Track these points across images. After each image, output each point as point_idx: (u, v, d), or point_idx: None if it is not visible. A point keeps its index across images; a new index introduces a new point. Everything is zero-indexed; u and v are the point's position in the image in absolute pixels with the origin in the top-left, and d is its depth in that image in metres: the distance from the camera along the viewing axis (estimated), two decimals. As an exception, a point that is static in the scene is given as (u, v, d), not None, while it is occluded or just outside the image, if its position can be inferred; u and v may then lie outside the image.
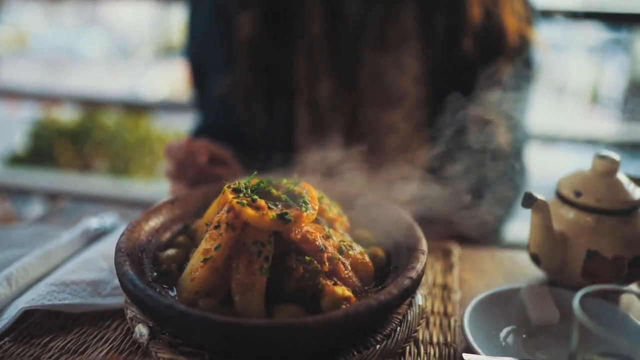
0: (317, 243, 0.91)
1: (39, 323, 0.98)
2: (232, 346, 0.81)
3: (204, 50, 1.71)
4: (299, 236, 0.91)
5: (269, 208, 0.91)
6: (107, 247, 1.18)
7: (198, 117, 1.85)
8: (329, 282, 0.89)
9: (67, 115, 4.74)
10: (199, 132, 1.75)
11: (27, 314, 0.97)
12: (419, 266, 0.92)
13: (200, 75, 1.79)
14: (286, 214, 0.90)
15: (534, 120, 1.85)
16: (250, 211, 0.89)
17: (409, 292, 0.87)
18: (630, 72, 5.35)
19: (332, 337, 0.82)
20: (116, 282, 1.07)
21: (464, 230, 1.35)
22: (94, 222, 1.29)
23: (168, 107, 4.52)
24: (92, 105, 4.58)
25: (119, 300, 1.03)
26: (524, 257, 1.31)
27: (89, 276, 1.06)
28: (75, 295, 1.01)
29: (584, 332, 0.73)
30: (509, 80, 1.63)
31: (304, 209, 0.93)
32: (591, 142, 3.91)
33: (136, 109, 4.62)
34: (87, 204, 1.47)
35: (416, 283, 0.89)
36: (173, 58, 5.90)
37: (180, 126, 4.63)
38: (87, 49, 6.63)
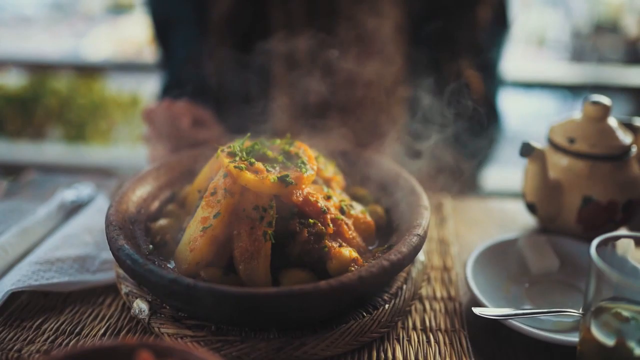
0: (320, 205, 0.88)
1: (26, 305, 0.92)
2: (242, 316, 0.78)
3: (169, 4, 1.61)
4: (300, 199, 0.87)
5: (267, 171, 0.87)
6: (89, 219, 1.12)
7: (164, 75, 1.76)
8: (334, 245, 0.86)
9: (12, 81, 4.48)
10: (167, 90, 1.66)
11: (12, 297, 0.92)
12: (424, 222, 0.90)
13: (164, 31, 1.69)
14: (287, 176, 0.86)
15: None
16: (249, 175, 0.84)
17: (418, 249, 0.85)
18: (578, 15, 5.43)
19: (345, 301, 0.80)
20: (104, 256, 1.02)
21: (447, 180, 1.34)
22: (69, 194, 1.21)
23: (122, 67, 4.34)
24: (40, 69, 4.35)
25: (110, 275, 0.98)
26: (512, 206, 1.31)
27: (74, 252, 1.00)
28: (62, 273, 0.95)
29: (600, 279, 0.73)
30: (486, 27, 1.61)
31: (303, 170, 0.89)
32: (539, 84, 3.98)
33: (88, 71, 4.41)
34: (58, 175, 1.39)
35: (423, 240, 0.87)
36: (124, 15, 5.62)
37: (136, 87, 4.46)
38: (30, 8, 6.24)
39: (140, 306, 0.85)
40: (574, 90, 4.27)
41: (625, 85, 3.75)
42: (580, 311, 0.88)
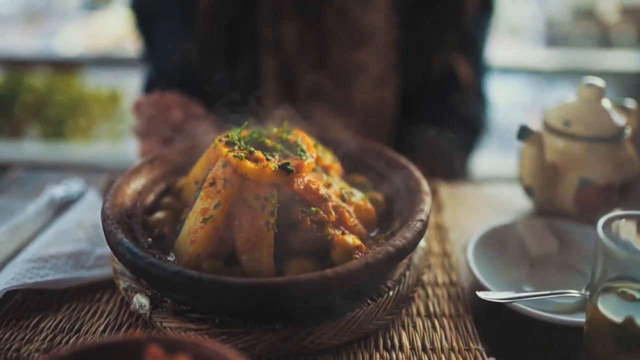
0: (321, 192, 0.87)
1: (21, 303, 0.89)
2: (248, 307, 0.77)
3: None
4: (301, 187, 0.86)
5: (267, 160, 0.86)
6: (81, 215, 1.09)
7: (147, 69, 1.72)
8: (337, 232, 0.85)
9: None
10: (151, 83, 1.63)
11: (7, 296, 0.89)
12: (426, 208, 0.89)
13: (147, 24, 1.66)
14: (287, 164, 0.84)
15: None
16: (249, 164, 0.83)
17: (422, 234, 0.85)
18: (553, 2, 5.47)
19: (352, 288, 0.79)
20: (98, 252, 0.99)
21: (437, 165, 1.34)
22: (59, 191, 1.18)
23: (100, 62, 4.26)
24: (15, 66, 4.25)
25: (106, 271, 0.95)
26: (507, 191, 1.32)
27: (67, 248, 0.98)
28: (57, 270, 0.93)
29: (607, 257, 0.73)
30: (473, 13, 1.60)
31: (303, 157, 0.87)
32: (513, 70, 4.00)
33: (65, 66, 4.33)
34: (46, 172, 1.35)
35: (426, 225, 0.87)
36: (99, 10, 5.53)
37: (115, 83, 4.39)
38: (2, 6, 6.11)
39: (141, 301, 0.83)
40: (549, 76, 4.31)
41: (601, 70, 3.78)
42: (583, 292, 0.88)
